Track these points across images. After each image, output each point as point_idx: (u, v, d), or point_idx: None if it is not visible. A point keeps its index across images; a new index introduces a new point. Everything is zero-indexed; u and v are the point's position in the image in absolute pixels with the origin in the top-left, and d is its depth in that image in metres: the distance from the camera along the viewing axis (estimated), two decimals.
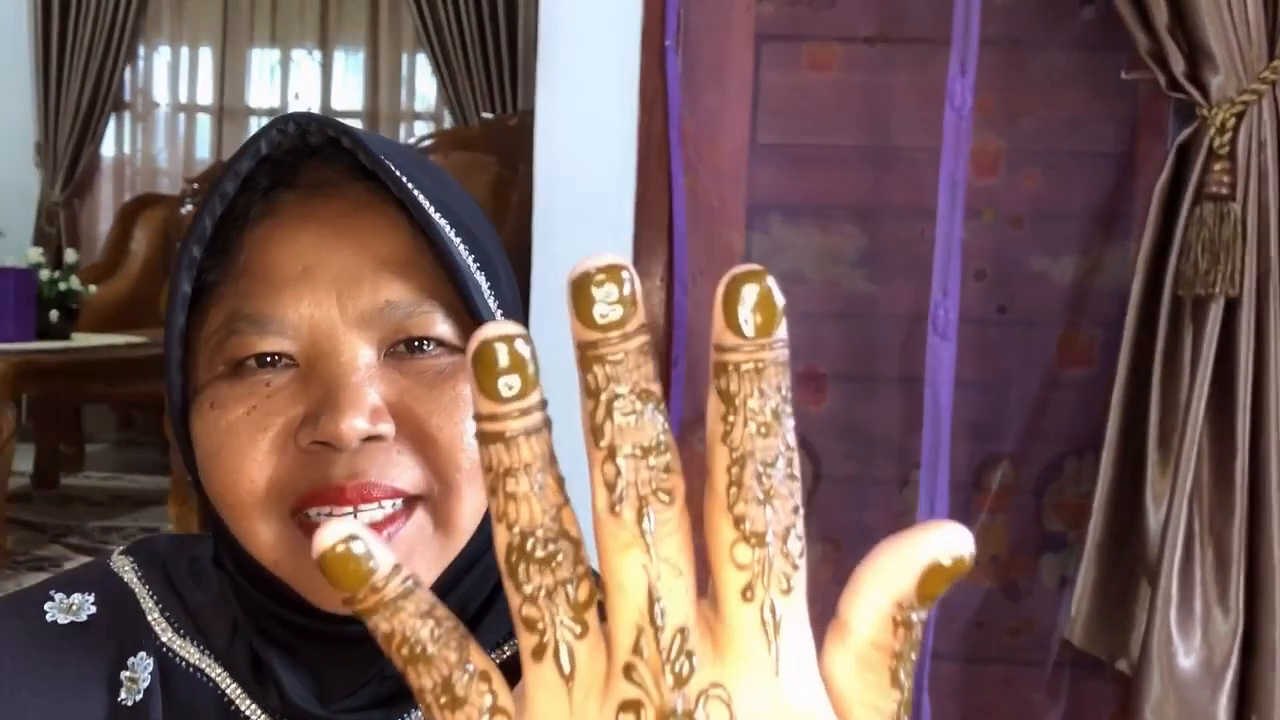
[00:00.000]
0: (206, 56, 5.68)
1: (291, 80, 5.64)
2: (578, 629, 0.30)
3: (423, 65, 5.46)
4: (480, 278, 0.60)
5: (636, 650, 0.29)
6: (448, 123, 5.34)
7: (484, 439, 0.29)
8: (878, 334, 2.40)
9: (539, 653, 0.30)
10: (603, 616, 0.31)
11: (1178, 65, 2.10)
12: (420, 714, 0.62)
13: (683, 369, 2.40)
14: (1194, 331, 2.13)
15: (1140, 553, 2.20)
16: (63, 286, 4.00)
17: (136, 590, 0.68)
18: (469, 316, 0.60)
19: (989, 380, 2.39)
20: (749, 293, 0.29)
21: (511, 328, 0.29)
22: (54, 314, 3.98)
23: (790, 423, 0.30)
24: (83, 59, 5.33)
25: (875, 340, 2.40)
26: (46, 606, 0.66)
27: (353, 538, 0.29)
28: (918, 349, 2.33)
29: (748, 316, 0.28)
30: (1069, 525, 2.40)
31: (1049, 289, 2.36)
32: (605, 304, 0.28)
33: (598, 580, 0.31)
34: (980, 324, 2.37)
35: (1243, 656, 2.09)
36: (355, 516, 0.56)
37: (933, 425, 2.32)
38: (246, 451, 0.58)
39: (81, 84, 5.34)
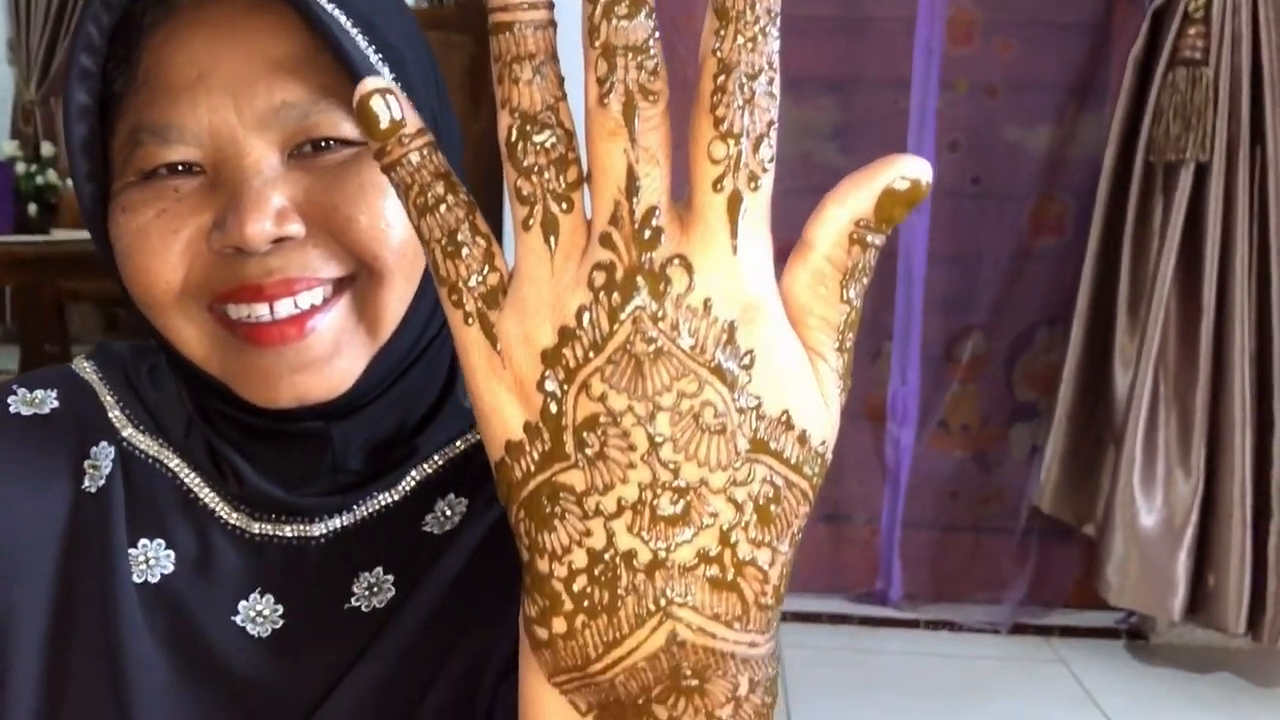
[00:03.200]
0: None
1: None
2: (564, 205, 0.32)
3: None
4: (384, 70, 0.60)
5: (613, 221, 0.32)
6: (417, 2, 5.22)
7: (495, 29, 0.32)
8: None
9: (528, 222, 0.33)
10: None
11: None
12: (372, 500, 0.64)
13: None
14: (1164, 198, 2.15)
15: (1108, 419, 2.24)
16: (40, 180, 3.98)
17: (97, 388, 0.69)
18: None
19: (962, 253, 2.41)
20: None
21: None
22: (32, 207, 3.96)
23: (776, 45, 0.32)
24: None
25: None
26: (9, 400, 0.67)
27: (389, 91, 0.33)
28: None
29: None
30: (1040, 394, 2.45)
31: (1023, 160, 2.37)
32: None
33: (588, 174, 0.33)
34: (954, 196, 2.39)
35: (1202, 516, 2.15)
36: (273, 311, 0.57)
37: (905, 296, 2.35)
38: (158, 252, 0.58)
39: None
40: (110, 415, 0.67)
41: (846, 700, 2.14)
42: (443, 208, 0.34)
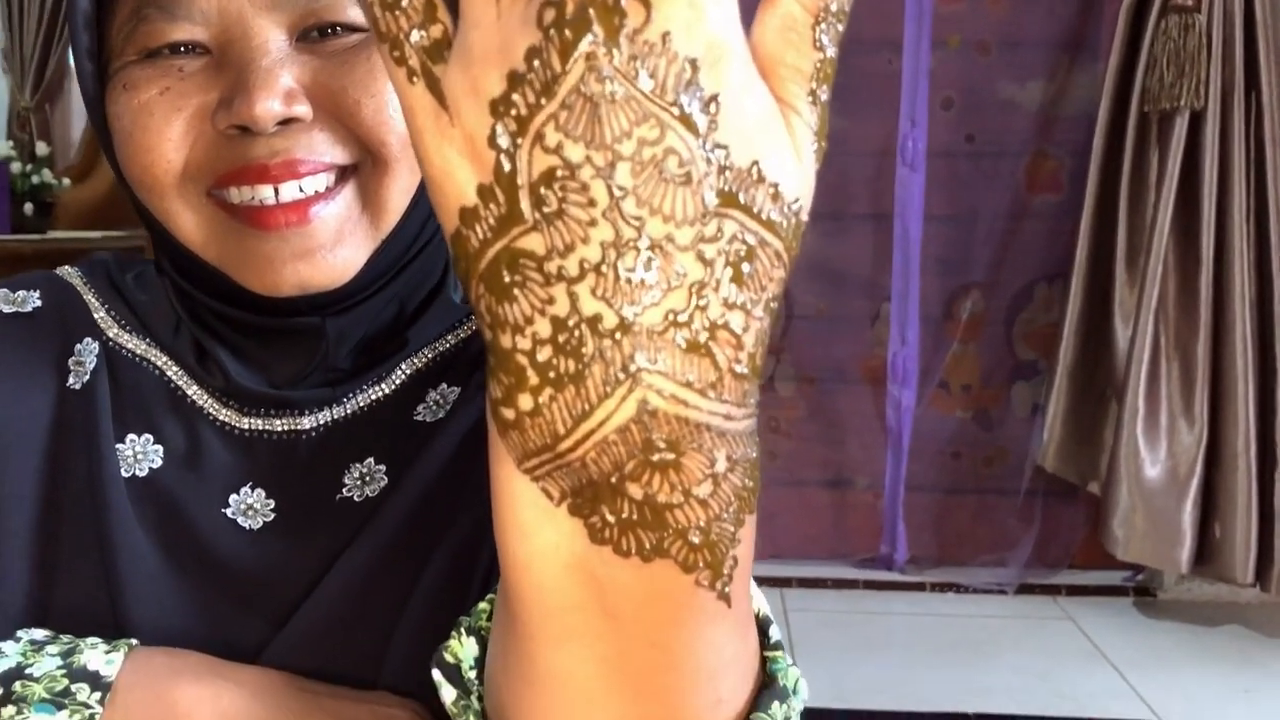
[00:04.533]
0: None
1: None
2: None
3: None
4: None
5: None
6: None
7: None
8: (847, 170, 2.41)
9: None
10: None
11: None
12: (363, 394, 0.63)
13: None
14: (1160, 149, 2.14)
15: (1109, 374, 2.23)
16: (35, 180, 3.97)
17: (81, 290, 0.68)
18: None
19: (958, 212, 2.40)
20: None
21: None
22: (28, 207, 3.95)
23: None
24: None
25: (845, 176, 2.41)
26: None
27: None
28: (887, 184, 2.34)
29: None
30: (1040, 353, 2.44)
31: (1017, 116, 2.36)
32: None
33: None
34: (949, 156, 2.38)
35: (1206, 466, 2.14)
36: (278, 193, 0.56)
37: (903, 257, 2.34)
38: (161, 130, 0.57)
39: None
40: (95, 316, 0.67)
41: (853, 660, 2.13)
42: None
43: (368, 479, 0.62)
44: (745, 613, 0.38)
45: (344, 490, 0.62)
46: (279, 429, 0.63)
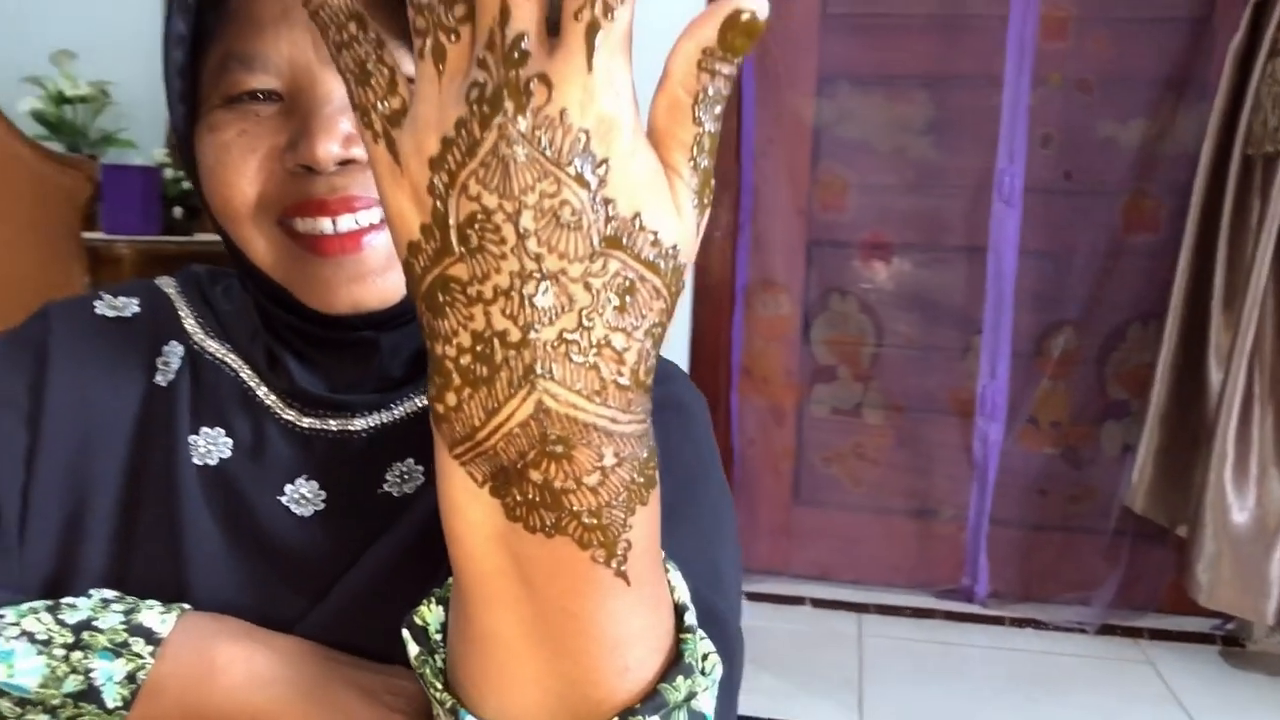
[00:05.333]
0: None
1: None
2: (452, 36, 0.37)
3: None
4: None
5: (488, 46, 0.36)
6: None
7: None
8: (943, 202, 2.42)
9: (422, 51, 0.38)
10: None
11: None
12: (409, 400, 0.70)
13: (748, 235, 2.47)
14: (1262, 193, 2.10)
15: (1202, 418, 2.20)
16: (186, 185, 4.22)
17: (174, 299, 0.78)
18: None
19: (1054, 248, 2.39)
20: None
21: None
22: (177, 210, 4.20)
23: None
24: None
25: (941, 208, 2.43)
26: (95, 303, 0.77)
27: None
28: (983, 217, 2.35)
29: None
30: (1132, 393, 2.40)
31: (1116, 155, 2.34)
32: None
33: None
34: (1046, 192, 2.37)
35: None
36: (335, 224, 0.64)
37: (995, 291, 2.34)
38: (238, 167, 0.65)
39: None
40: (184, 322, 0.76)
41: (923, 689, 2.14)
42: (355, 44, 0.39)
43: (406, 477, 0.69)
44: (652, 594, 0.44)
45: (385, 485, 0.70)
46: (333, 428, 0.71)
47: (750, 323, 2.51)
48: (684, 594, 0.49)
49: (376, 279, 0.65)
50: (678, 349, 2.36)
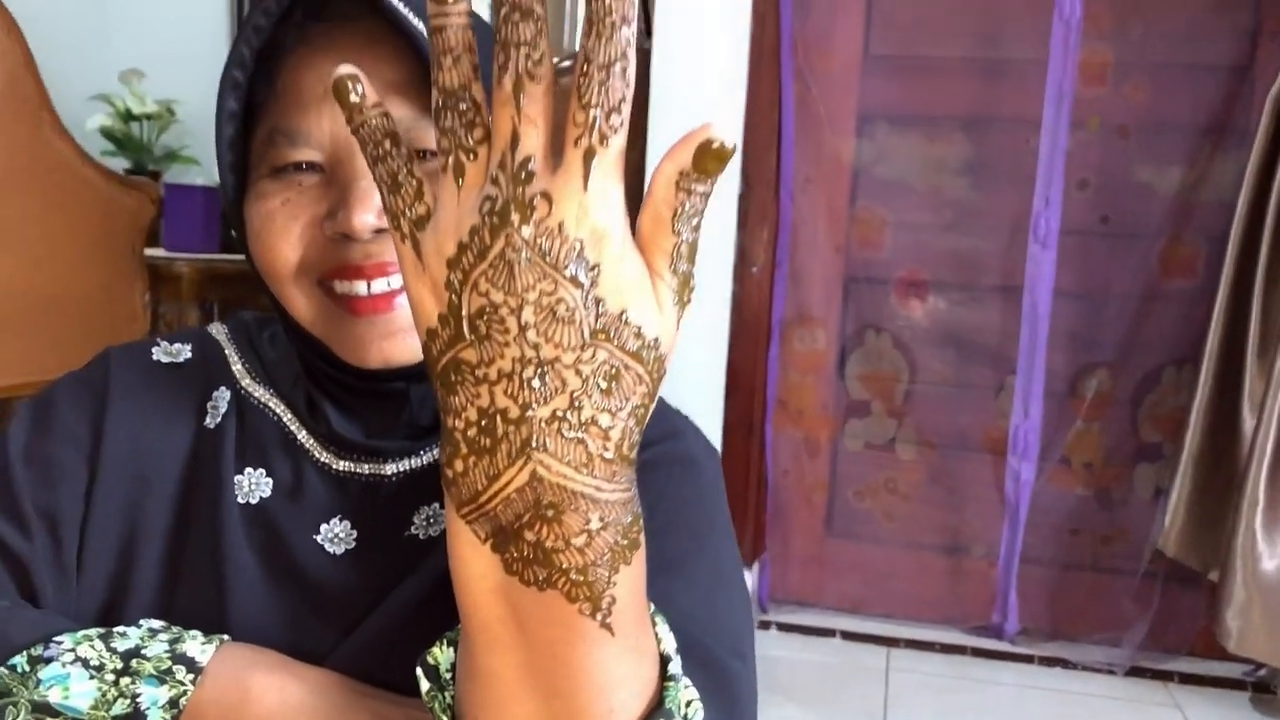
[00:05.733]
0: None
1: None
2: (471, 155, 0.43)
3: None
4: None
5: (500, 166, 0.42)
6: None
7: (431, 31, 0.43)
8: (980, 242, 2.45)
9: (445, 167, 0.43)
10: None
11: None
12: (437, 448, 0.75)
13: (786, 271, 2.51)
14: None
15: (1236, 463, 2.20)
16: None
17: (225, 346, 0.83)
18: None
19: (1089, 290, 2.40)
20: None
21: None
22: (234, 231, 4.31)
23: (627, 33, 0.41)
24: None
25: (977, 248, 2.45)
26: (153, 350, 0.82)
27: (357, 78, 0.45)
28: (1018, 258, 2.38)
29: None
30: (1166, 436, 2.41)
31: (1153, 200, 2.35)
32: None
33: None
34: (1082, 234, 2.39)
35: None
36: (369, 288, 0.69)
37: (1030, 332, 2.36)
38: (282, 233, 0.70)
39: None
40: (233, 368, 0.81)
41: None
42: (389, 158, 0.45)
43: (432, 520, 0.73)
44: (636, 644, 0.49)
45: (412, 528, 0.74)
46: (366, 472, 0.75)
47: (786, 356, 2.55)
48: (670, 645, 0.54)
49: (406, 336, 0.69)
50: (714, 380, 2.40)
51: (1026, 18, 2.35)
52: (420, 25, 0.68)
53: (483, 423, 0.44)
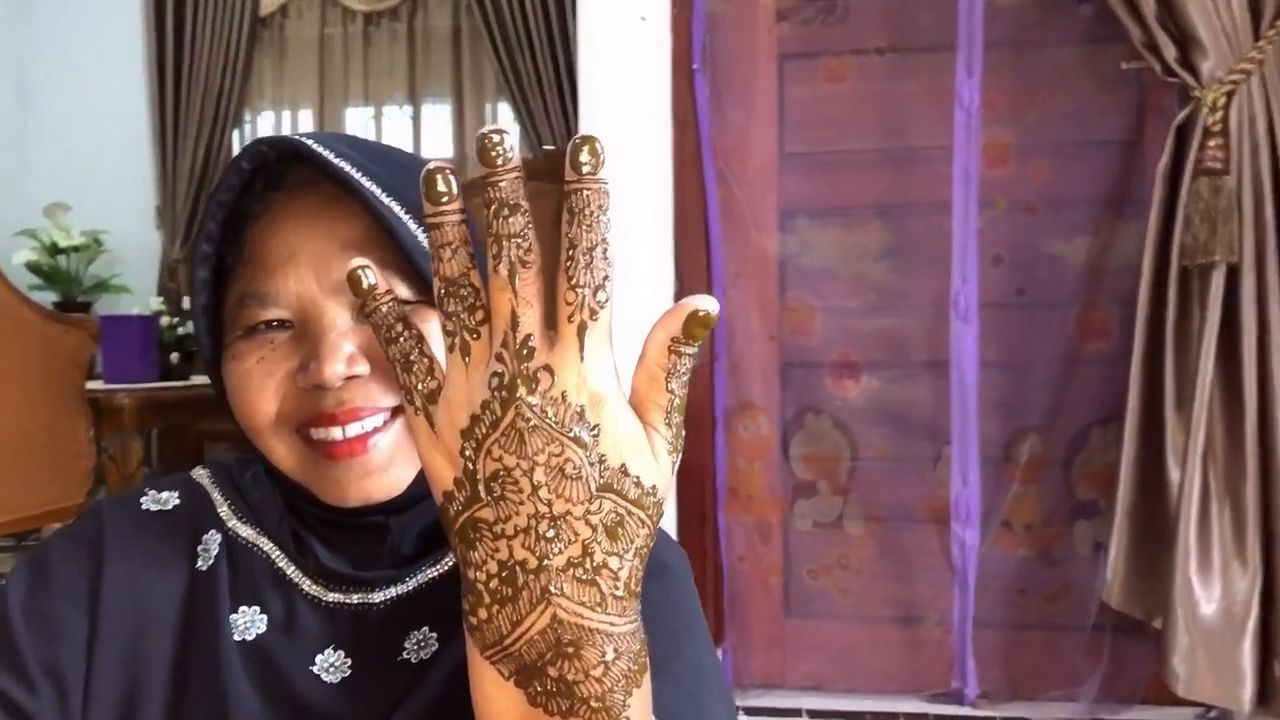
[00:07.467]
0: (307, 118, 5.97)
1: (385, 134, 5.95)
2: (474, 335, 0.47)
3: (505, 112, 5.74)
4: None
5: (503, 344, 0.46)
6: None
7: (429, 227, 0.47)
8: (905, 322, 2.55)
9: (451, 347, 0.48)
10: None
11: (1169, 52, 2.23)
12: (421, 574, 0.78)
13: (724, 363, 2.59)
14: (1200, 299, 2.23)
15: (1166, 515, 2.29)
16: (181, 331, 4.33)
17: (209, 489, 0.85)
18: (423, 280, 0.75)
19: (1013, 359, 2.51)
20: (586, 146, 0.45)
21: (448, 164, 0.47)
22: (174, 356, 4.29)
23: (606, 219, 0.45)
24: (194, 128, 5.69)
25: (903, 328, 2.55)
26: (142, 499, 0.84)
27: (368, 266, 0.50)
28: (942, 333, 2.48)
29: (585, 160, 0.45)
30: (1099, 493, 2.50)
31: (1064, 270, 2.48)
32: (497, 149, 0.45)
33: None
34: (1000, 307, 2.50)
35: (1263, 607, 2.17)
36: (344, 433, 0.72)
37: (960, 403, 2.46)
38: (258, 390, 0.72)
39: (194, 150, 5.68)
40: (219, 510, 0.84)
41: None
42: (401, 339, 0.50)
43: (422, 644, 0.76)
44: None
45: (404, 653, 0.76)
46: (355, 602, 0.78)
47: (732, 444, 2.62)
48: None
49: (382, 476, 0.73)
50: None
51: (930, 109, 2.49)
52: (371, 185, 0.73)
53: (503, 574, 0.48)
